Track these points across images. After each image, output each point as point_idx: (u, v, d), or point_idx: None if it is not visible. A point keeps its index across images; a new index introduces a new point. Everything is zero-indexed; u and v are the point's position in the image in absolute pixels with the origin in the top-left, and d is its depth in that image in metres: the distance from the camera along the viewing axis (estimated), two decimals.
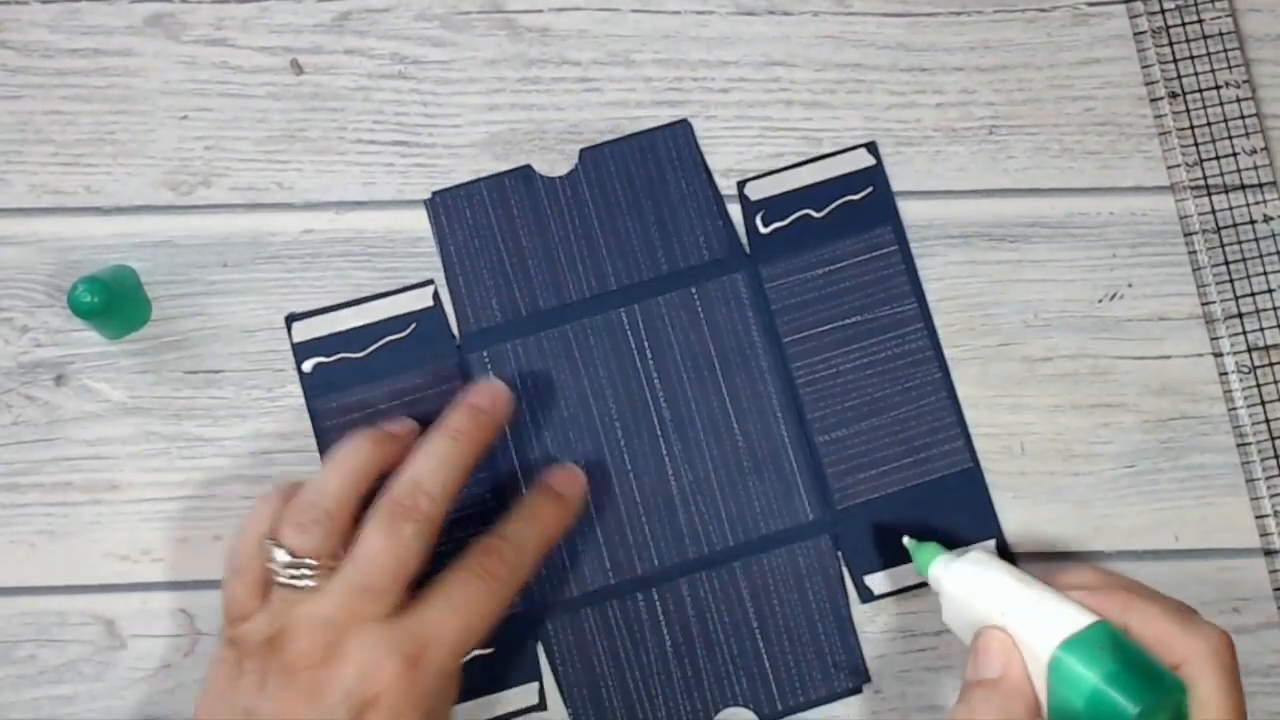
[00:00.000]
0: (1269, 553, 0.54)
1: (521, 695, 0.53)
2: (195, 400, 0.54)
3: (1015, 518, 0.54)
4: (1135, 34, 0.57)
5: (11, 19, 0.56)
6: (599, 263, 0.55)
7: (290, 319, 0.54)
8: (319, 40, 0.56)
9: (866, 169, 0.56)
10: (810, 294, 0.55)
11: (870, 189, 0.55)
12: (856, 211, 0.55)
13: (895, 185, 0.56)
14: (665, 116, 0.56)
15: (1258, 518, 0.54)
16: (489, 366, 0.54)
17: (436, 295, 0.55)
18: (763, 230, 0.55)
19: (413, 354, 0.54)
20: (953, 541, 0.53)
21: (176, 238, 0.55)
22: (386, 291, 0.55)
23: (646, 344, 0.55)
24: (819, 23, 0.57)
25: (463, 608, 0.47)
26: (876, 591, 0.54)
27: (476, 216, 0.55)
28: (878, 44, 0.56)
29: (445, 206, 0.55)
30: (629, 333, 0.55)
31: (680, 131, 0.56)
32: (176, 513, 0.54)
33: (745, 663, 0.53)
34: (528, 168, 0.55)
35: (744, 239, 0.55)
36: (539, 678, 0.53)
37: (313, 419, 0.54)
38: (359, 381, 0.54)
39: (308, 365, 0.54)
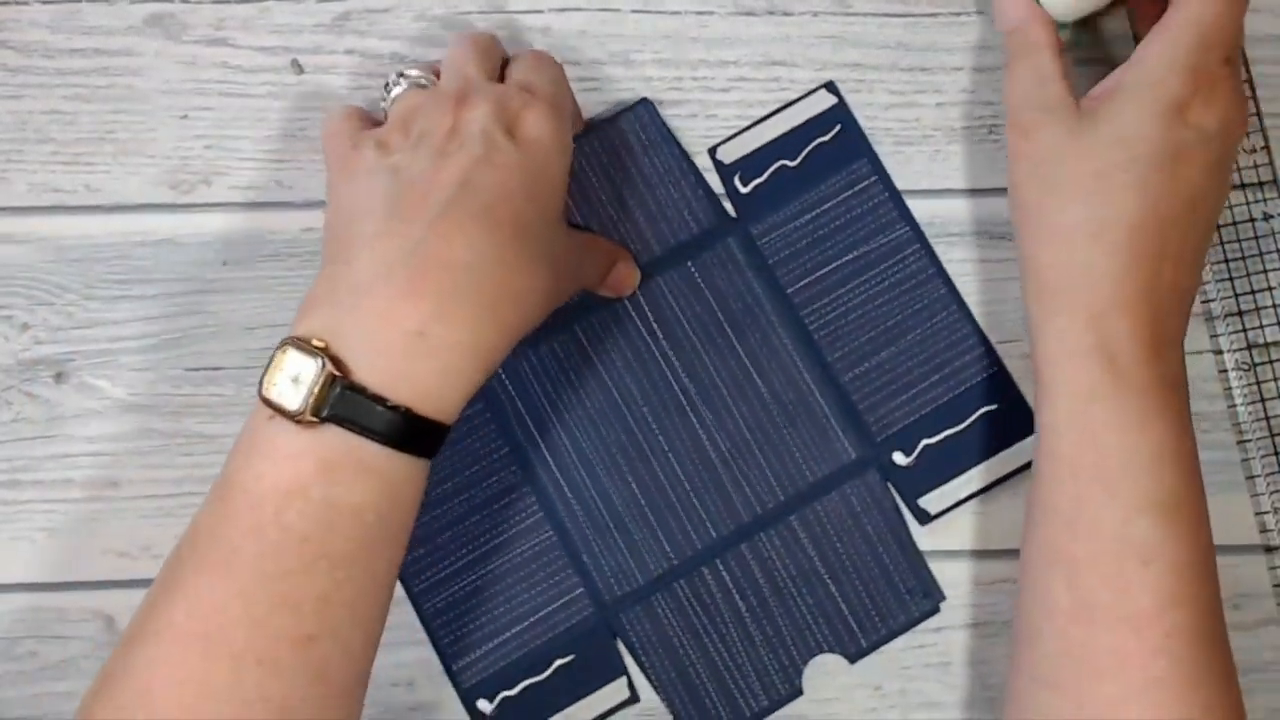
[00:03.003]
0: (1268, 549, 0.54)
1: (612, 693, 0.53)
2: (195, 398, 0.54)
3: (1015, 518, 0.54)
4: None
5: (11, 19, 0.56)
6: None
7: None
8: (319, 40, 0.56)
9: (831, 109, 0.56)
10: (802, 241, 0.55)
11: (838, 127, 0.56)
12: (830, 151, 0.56)
13: (896, 184, 0.56)
14: (665, 116, 0.56)
15: (1257, 514, 0.54)
16: (505, 378, 0.55)
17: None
18: (743, 190, 0.55)
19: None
20: (990, 433, 0.55)
21: (176, 236, 0.55)
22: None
23: (656, 326, 0.55)
24: (819, 23, 0.57)
25: (539, 62, 0.51)
26: (933, 511, 0.54)
27: None
28: (878, 44, 0.57)
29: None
30: (636, 319, 0.55)
31: (643, 111, 0.56)
32: (176, 509, 0.54)
33: (822, 610, 0.53)
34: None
35: (727, 203, 0.56)
36: (625, 672, 0.53)
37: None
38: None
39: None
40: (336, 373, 0.42)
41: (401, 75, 0.50)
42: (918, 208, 0.56)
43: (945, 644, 0.54)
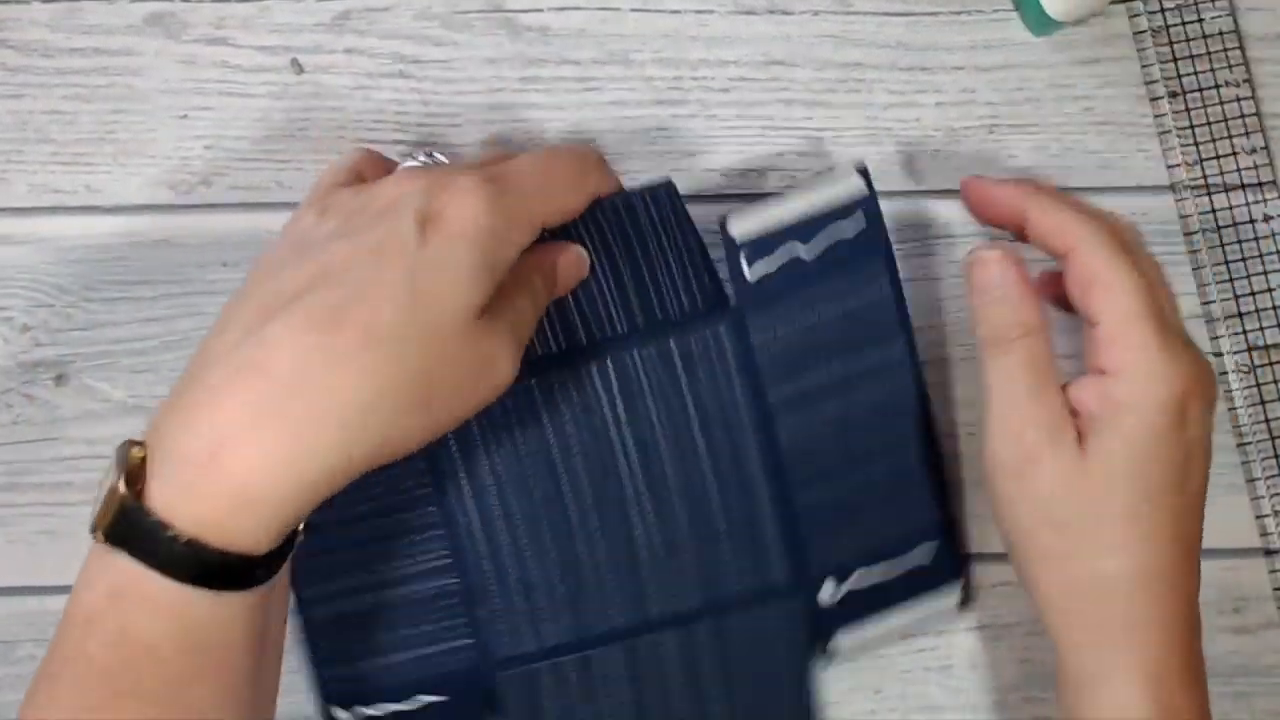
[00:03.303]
0: (1269, 552, 0.54)
1: None
2: None
3: None
4: (1135, 34, 0.57)
5: (11, 19, 0.56)
6: (566, 314, 0.50)
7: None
8: (319, 40, 0.56)
9: (860, 199, 0.50)
10: (798, 345, 0.51)
11: (863, 222, 0.50)
12: (849, 249, 0.50)
13: (895, 185, 0.56)
14: (665, 116, 0.56)
15: (1258, 517, 0.54)
16: None
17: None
18: (749, 277, 0.50)
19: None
20: (921, 588, 0.52)
21: (176, 237, 0.55)
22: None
23: (620, 400, 0.50)
24: (819, 22, 0.57)
25: (541, 161, 0.46)
26: (842, 653, 0.52)
27: None
28: (878, 43, 0.56)
29: None
30: (600, 388, 0.50)
31: (662, 194, 0.50)
32: None
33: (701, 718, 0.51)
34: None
35: (728, 286, 0.51)
36: None
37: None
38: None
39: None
40: (122, 488, 0.37)
41: (424, 154, 0.48)
42: (918, 208, 0.56)
43: (946, 647, 0.54)
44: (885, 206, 0.50)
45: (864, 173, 0.51)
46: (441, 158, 0.48)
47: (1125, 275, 0.45)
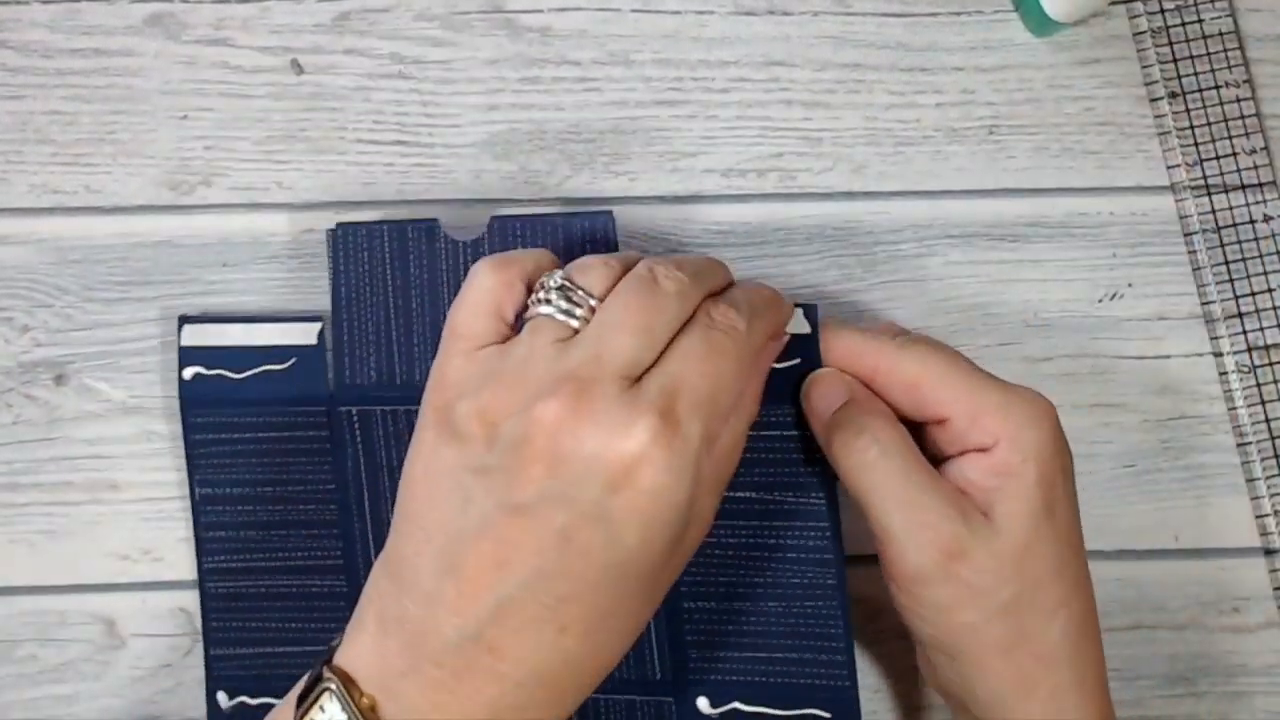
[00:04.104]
0: (1269, 552, 0.54)
1: None
2: None
3: None
4: (1135, 34, 0.57)
5: (11, 19, 0.56)
6: None
7: (182, 320, 0.53)
8: (319, 40, 0.56)
9: (800, 338, 0.49)
10: None
11: (798, 360, 0.49)
12: (782, 381, 0.48)
13: (895, 185, 0.56)
14: (665, 117, 0.56)
15: (1258, 517, 0.54)
16: (357, 425, 0.51)
17: (322, 335, 0.52)
18: None
19: (285, 389, 0.52)
20: None
21: (176, 237, 0.55)
22: (278, 316, 0.53)
23: None
24: (819, 23, 0.57)
25: (705, 357, 0.41)
26: None
27: (374, 263, 0.52)
28: (878, 44, 0.56)
29: (346, 243, 0.52)
30: None
31: (601, 221, 0.51)
32: (176, 512, 0.54)
33: None
34: (434, 222, 0.52)
35: None
36: None
37: (185, 430, 0.52)
38: (231, 404, 0.52)
39: (188, 373, 0.52)
40: None
41: (559, 288, 0.42)
42: (918, 208, 0.56)
43: None
44: (885, 207, 0.50)
45: (810, 312, 0.49)
46: (570, 301, 0.42)
47: (940, 360, 0.45)
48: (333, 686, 0.40)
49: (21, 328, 0.54)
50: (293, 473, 0.52)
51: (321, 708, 0.39)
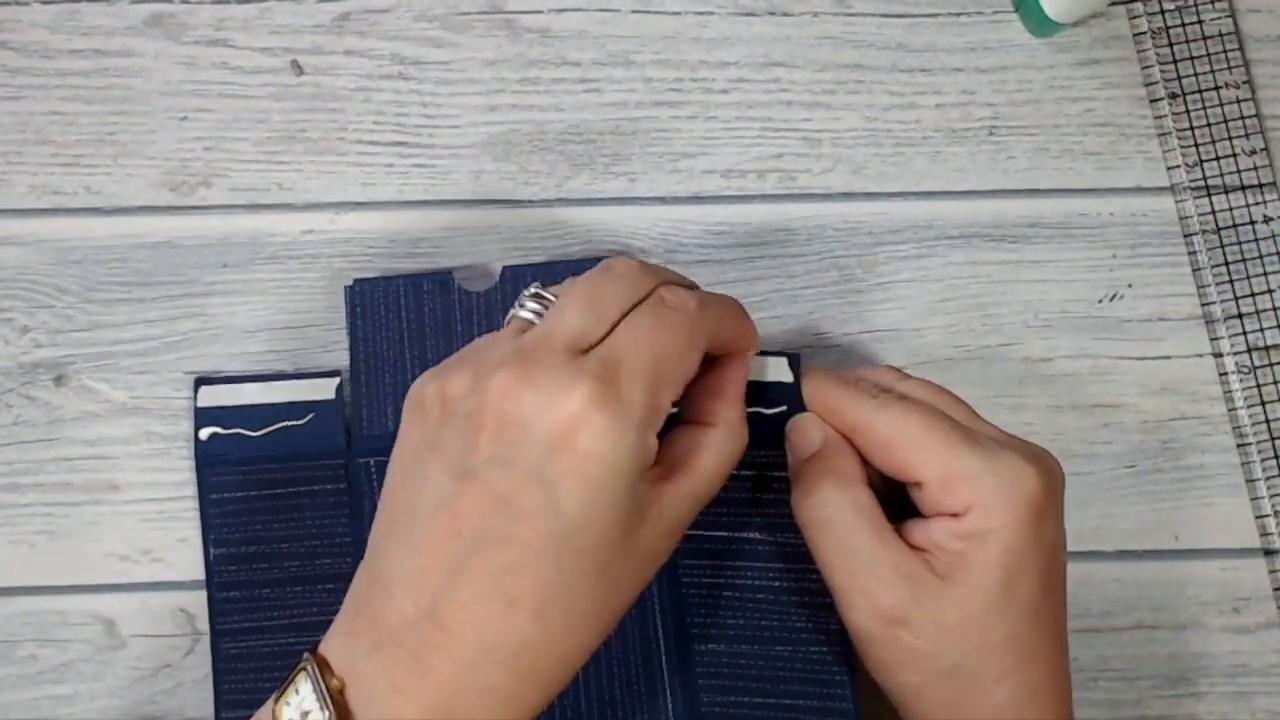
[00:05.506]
0: (1269, 552, 0.54)
1: None
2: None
3: None
4: (1135, 34, 0.57)
5: (11, 19, 0.56)
6: None
7: (198, 381, 0.53)
8: (319, 41, 0.56)
9: (783, 385, 0.49)
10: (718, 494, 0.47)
11: (784, 408, 0.48)
12: (770, 426, 0.48)
13: (895, 186, 0.56)
14: (665, 117, 0.56)
15: (1258, 518, 0.54)
16: (375, 476, 0.51)
17: (340, 389, 0.52)
18: None
19: (304, 445, 0.52)
20: None
21: (176, 238, 0.55)
22: (294, 374, 0.53)
23: None
24: (819, 23, 0.57)
25: (651, 329, 0.41)
26: None
27: (390, 317, 0.53)
28: (878, 44, 0.57)
29: (363, 298, 0.53)
30: None
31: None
32: (176, 513, 0.53)
33: None
34: (448, 274, 0.53)
35: None
36: None
37: (200, 489, 0.52)
38: (249, 461, 0.52)
39: (204, 433, 0.52)
40: None
41: (532, 295, 0.44)
42: (918, 208, 0.56)
43: None
44: (885, 207, 0.50)
45: (794, 361, 0.49)
46: (543, 302, 0.43)
47: (918, 422, 0.44)
48: (307, 669, 0.40)
49: (21, 328, 0.54)
50: (310, 527, 0.52)
51: (296, 689, 0.40)
